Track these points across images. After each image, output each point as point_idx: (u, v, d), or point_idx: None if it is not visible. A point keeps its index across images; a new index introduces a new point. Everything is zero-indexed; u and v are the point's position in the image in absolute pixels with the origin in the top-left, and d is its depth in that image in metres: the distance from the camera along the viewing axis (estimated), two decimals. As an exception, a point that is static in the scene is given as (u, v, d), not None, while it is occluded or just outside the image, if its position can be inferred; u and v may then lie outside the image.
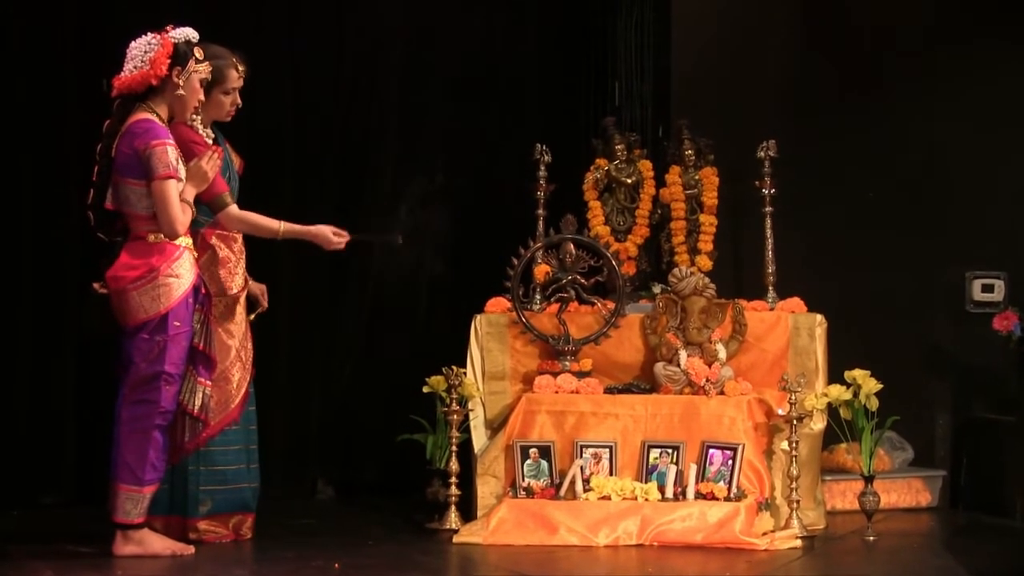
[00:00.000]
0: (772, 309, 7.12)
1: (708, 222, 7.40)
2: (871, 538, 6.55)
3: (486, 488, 6.76)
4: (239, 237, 6.47)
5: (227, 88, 6.38)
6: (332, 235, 6.45)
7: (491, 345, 7.10)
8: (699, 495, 6.48)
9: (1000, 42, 7.86)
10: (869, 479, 6.64)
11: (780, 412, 6.70)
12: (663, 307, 7.03)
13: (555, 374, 6.93)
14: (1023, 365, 7.44)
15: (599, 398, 6.85)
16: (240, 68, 6.42)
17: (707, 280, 7.04)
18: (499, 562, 6.07)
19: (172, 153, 5.93)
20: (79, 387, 7.42)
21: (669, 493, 6.51)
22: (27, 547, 6.14)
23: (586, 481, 6.57)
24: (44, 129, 7.40)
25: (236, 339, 6.40)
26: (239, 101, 6.45)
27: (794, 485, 6.54)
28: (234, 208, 6.30)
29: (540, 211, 7.35)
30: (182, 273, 5.96)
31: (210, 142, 6.30)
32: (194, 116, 6.23)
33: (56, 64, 7.43)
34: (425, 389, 6.88)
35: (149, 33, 6.00)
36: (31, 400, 7.38)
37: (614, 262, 7.04)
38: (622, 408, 6.80)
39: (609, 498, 6.49)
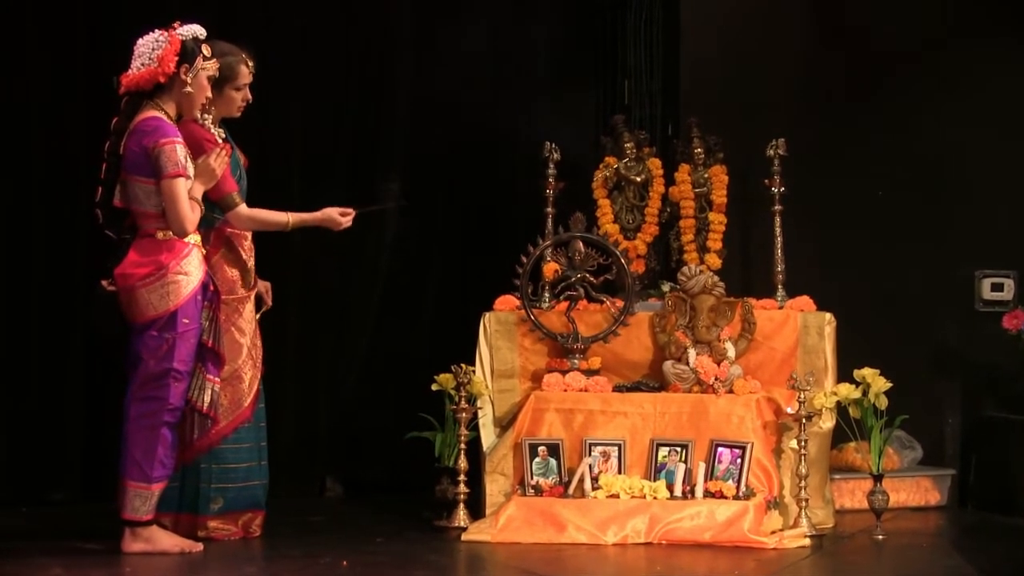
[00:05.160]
0: (781, 307, 7.12)
1: (717, 220, 7.39)
2: (880, 537, 6.54)
3: (495, 486, 6.76)
4: (249, 235, 6.47)
5: (238, 84, 6.39)
6: (338, 215, 6.50)
7: (500, 343, 7.11)
8: (708, 493, 6.48)
9: (1011, 41, 7.85)
10: (878, 478, 6.64)
11: (789, 411, 6.70)
12: (672, 305, 7.03)
13: (564, 372, 6.92)
14: (1032, 364, 7.46)
15: (608, 396, 6.85)
16: (251, 64, 6.42)
17: (716, 278, 7.03)
18: (507, 560, 6.07)
19: (181, 151, 5.93)
20: (88, 384, 7.42)
21: (678, 491, 6.50)
22: (36, 543, 6.15)
23: (595, 479, 6.57)
24: (53, 126, 7.41)
25: (247, 337, 6.41)
26: (249, 97, 6.45)
27: (803, 484, 6.53)
28: (243, 207, 6.30)
29: (549, 209, 7.34)
30: (191, 270, 5.95)
31: (220, 140, 6.30)
32: (205, 115, 6.24)
33: (65, 62, 7.44)
34: (434, 387, 6.88)
35: (156, 30, 6.00)
36: (40, 397, 7.39)
37: (623, 260, 7.03)
38: (631, 406, 6.79)
39: (618, 496, 6.49)
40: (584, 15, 8.66)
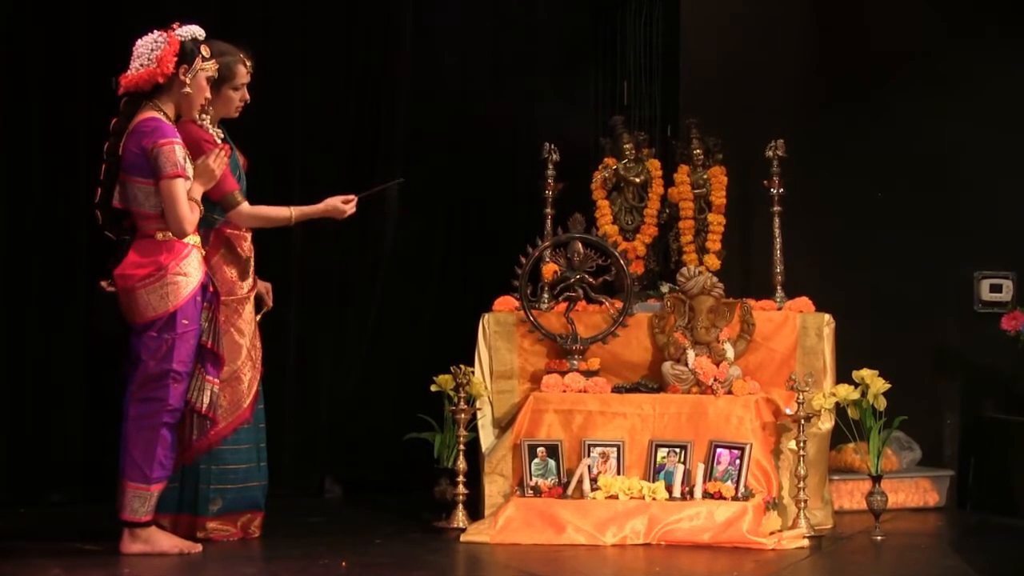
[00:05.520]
0: (780, 308, 7.12)
1: (716, 221, 7.39)
2: (879, 538, 6.54)
3: (494, 487, 6.76)
4: (248, 236, 6.47)
5: (236, 84, 6.38)
6: (341, 203, 6.47)
7: (499, 344, 7.10)
8: (707, 494, 6.48)
9: (1011, 41, 7.85)
10: (877, 479, 6.64)
11: (788, 411, 6.70)
12: (671, 306, 7.03)
13: (563, 373, 6.92)
14: (1031, 365, 7.46)
15: (607, 397, 6.85)
16: (248, 64, 6.42)
17: (715, 279, 7.04)
18: (506, 561, 6.07)
19: (180, 152, 5.93)
20: (88, 384, 7.42)
21: (677, 492, 6.50)
22: (35, 545, 6.15)
23: (593, 480, 6.57)
24: (53, 126, 7.41)
25: (246, 338, 6.41)
26: (247, 97, 6.45)
27: (802, 485, 6.53)
28: (245, 205, 6.30)
29: (548, 210, 7.34)
30: (190, 271, 5.96)
31: (219, 140, 6.30)
32: (203, 115, 6.24)
33: (65, 62, 7.44)
34: (433, 388, 6.88)
35: (155, 31, 6.00)
36: (40, 397, 7.39)
37: (622, 261, 7.03)
38: (630, 407, 6.79)
39: (616, 497, 6.49)
40: (584, 16, 8.65)
